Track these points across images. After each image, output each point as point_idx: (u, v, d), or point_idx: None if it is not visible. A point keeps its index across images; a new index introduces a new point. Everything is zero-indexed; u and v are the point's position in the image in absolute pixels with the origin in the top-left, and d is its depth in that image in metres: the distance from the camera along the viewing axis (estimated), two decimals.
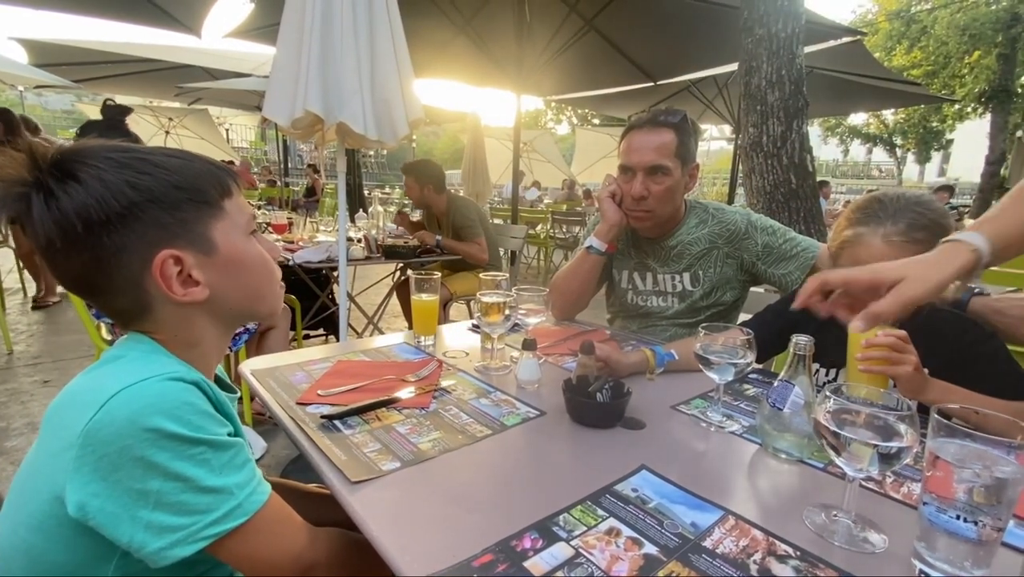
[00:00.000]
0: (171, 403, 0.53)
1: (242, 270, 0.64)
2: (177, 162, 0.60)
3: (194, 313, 0.62)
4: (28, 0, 4.42)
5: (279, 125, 1.83)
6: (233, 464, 0.56)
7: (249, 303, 0.67)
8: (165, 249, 0.58)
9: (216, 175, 0.63)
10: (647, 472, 0.70)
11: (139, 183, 0.56)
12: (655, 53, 5.07)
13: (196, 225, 0.60)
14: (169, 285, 0.58)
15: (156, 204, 0.57)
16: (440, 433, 0.79)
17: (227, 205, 0.63)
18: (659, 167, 1.26)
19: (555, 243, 6.71)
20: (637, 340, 1.31)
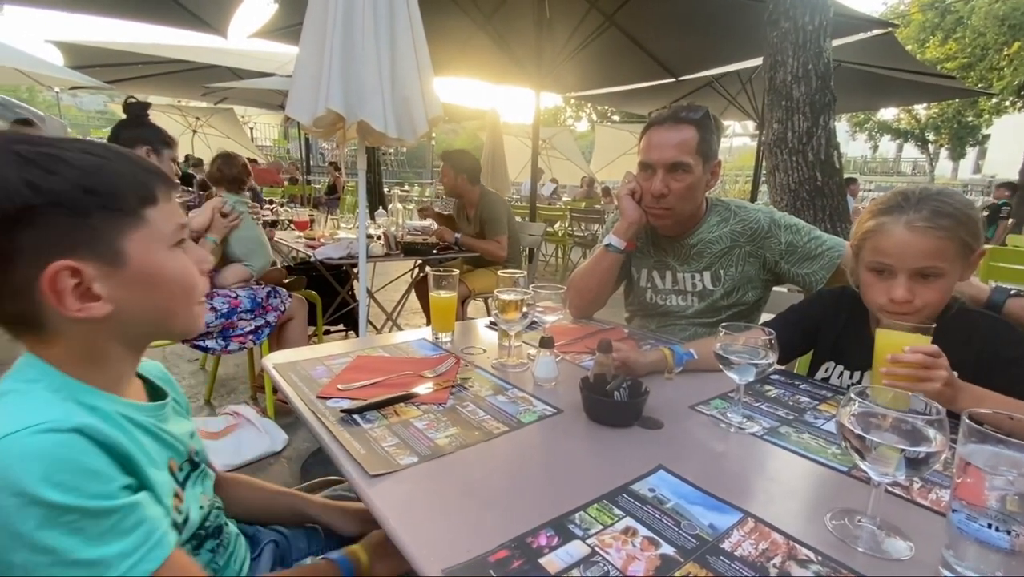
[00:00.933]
0: (40, 463, 0.45)
1: (155, 286, 0.57)
2: (94, 161, 0.53)
3: (95, 329, 0.55)
4: (63, 3, 4.56)
5: (302, 124, 1.86)
6: (117, 530, 0.47)
7: (159, 322, 0.60)
8: (62, 259, 0.50)
9: (140, 179, 0.56)
10: (664, 472, 0.70)
11: (41, 184, 0.49)
12: (676, 48, 4.99)
13: (105, 234, 0.53)
14: (60, 299, 0.51)
15: (59, 208, 0.50)
16: (457, 429, 0.80)
17: (149, 213, 0.56)
18: (680, 164, 1.24)
19: (573, 241, 6.68)
20: (655, 339, 1.29)
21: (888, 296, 0.92)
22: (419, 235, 3.11)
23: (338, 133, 2.07)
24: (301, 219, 3.38)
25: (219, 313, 2.09)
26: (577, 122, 23.02)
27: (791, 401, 0.95)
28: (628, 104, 7.87)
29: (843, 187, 2.43)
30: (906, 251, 0.90)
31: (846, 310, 1.07)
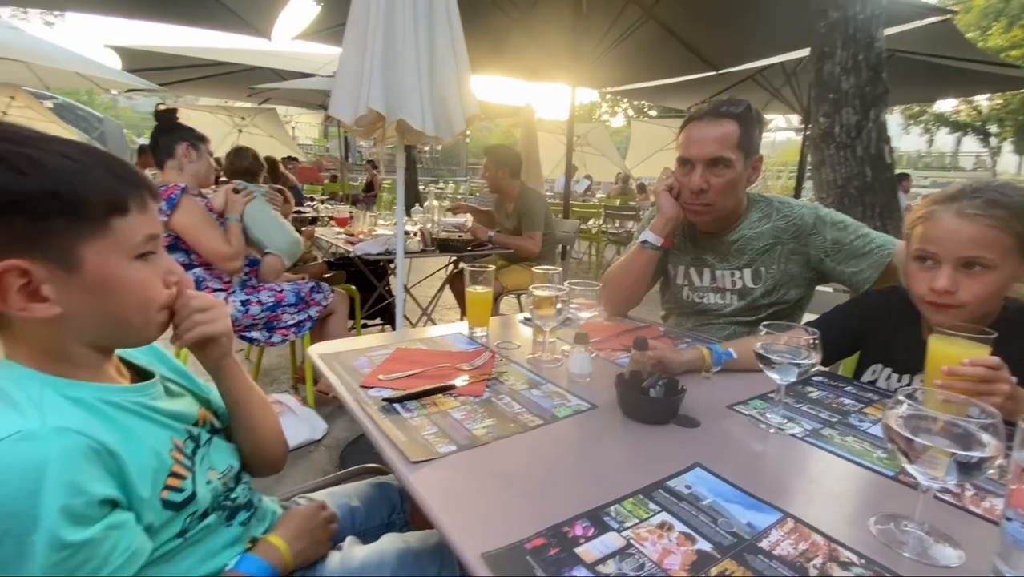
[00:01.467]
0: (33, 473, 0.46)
1: (109, 295, 0.57)
2: (70, 165, 0.53)
3: (49, 328, 0.55)
4: (121, 10, 4.83)
5: (343, 123, 1.92)
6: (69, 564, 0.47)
7: (112, 329, 0.59)
8: (12, 259, 0.50)
9: (112, 190, 0.55)
10: (701, 470, 0.70)
11: (8, 184, 0.50)
12: (718, 40, 4.86)
13: (63, 240, 0.53)
14: (4, 297, 0.51)
15: (19, 210, 0.50)
16: (493, 420, 0.81)
17: (115, 223, 0.56)
18: (720, 159, 1.22)
19: (607, 238, 6.61)
20: (692, 338, 1.28)
21: (929, 285, 0.88)
22: (454, 232, 3.15)
23: (378, 132, 2.13)
24: (341, 216, 3.48)
25: (264, 306, 2.18)
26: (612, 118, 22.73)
27: (834, 404, 0.92)
28: (666, 99, 7.70)
29: (894, 183, 2.32)
30: (952, 238, 0.86)
31: (897, 311, 1.03)
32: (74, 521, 0.48)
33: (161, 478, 0.59)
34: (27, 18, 13.44)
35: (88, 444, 0.51)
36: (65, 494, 0.47)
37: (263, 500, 0.79)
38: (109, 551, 0.51)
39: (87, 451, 0.50)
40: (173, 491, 0.60)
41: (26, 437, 0.47)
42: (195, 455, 0.67)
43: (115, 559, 0.51)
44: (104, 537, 0.50)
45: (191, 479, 0.63)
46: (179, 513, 0.60)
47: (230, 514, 0.69)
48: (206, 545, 0.65)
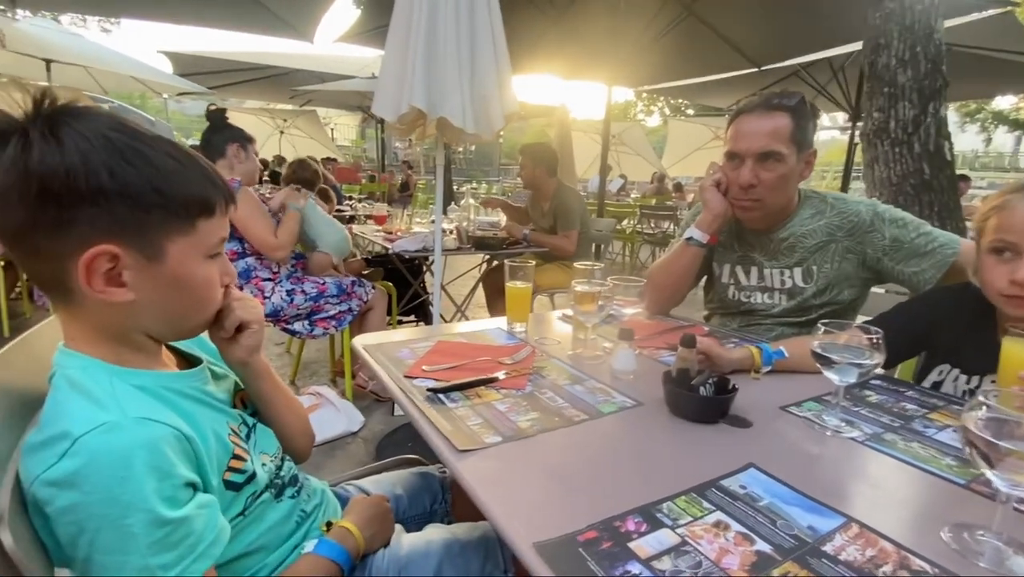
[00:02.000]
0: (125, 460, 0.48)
1: (179, 290, 0.59)
2: (172, 164, 0.56)
3: (113, 311, 0.57)
4: (172, 17, 5.06)
5: (386, 121, 1.95)
6: (166, 543, 0.50)
7: (169, 322, 0.62)
8: (107, 243, 0.53)
9: (204, 193, 0.59)
10: (756, 470, 0.67)
11: (120, 173, 0.52)
12: (760, 36, 4.73)
13: (155, 232, 0.56)
14: (89, 278, 0.53)
15: (125, 199, 0.53)
16: (537, 414, 0.81)
17: (200, 224, 0.59)
18: (771, 153, 1.18)
19: (642, 239, 6.51)
20: (739, 338, 1.24)
21: (1009, 277, 0.83)
22: (489, 230, 3.16)
23: (418, 130, 2.16)
24: (380, 214, 3.55)
25: (308, 296, 2.25)
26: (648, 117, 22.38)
27: (895, 408, 0.88)
28: (704, 96, 7.54)
29: (955, 181, 2.19)
30: None
31: (969, 309, 0.98)
32: (168, 502, 0.50)
33: (224, 461, 0.61)
34: (86, 25, 14.23)
35: (168, 431, 0.53)
36: (155, 478, 0.49)
37: (309, 478, 0.81)
38: (203, 528, 0.53)
39: (168, 438, 0.52)
40: (235, 472, 0.62)
41: (111, 429, 0.49)
42: (249, 440, 0.69)
43: (208, 535, 0.53)
44: (196, 515, 0.52)
45: (250, 461, 0.65)
46: (240, 493, 0.63)
47: (278, 491, 0.71)
48: (263, 522, 0.67)
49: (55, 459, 0.47)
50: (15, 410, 0.58)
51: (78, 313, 0.57)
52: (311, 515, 0.75)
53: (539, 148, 3.20)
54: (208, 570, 0.53)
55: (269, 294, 2.22)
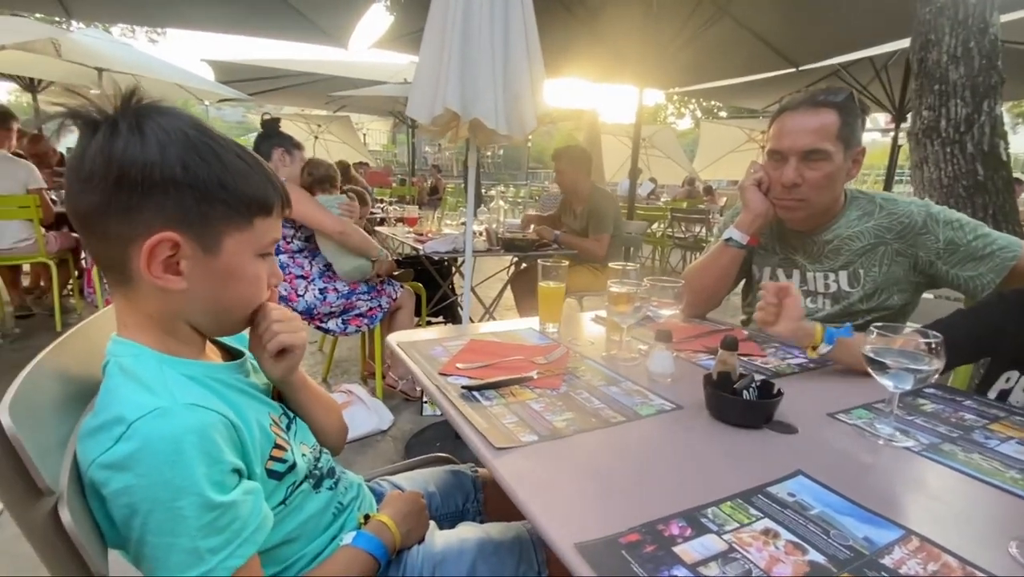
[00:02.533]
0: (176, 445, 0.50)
1: (228, 284, 0.62)
2: (240, 165, 0.59)
3: (165, 298, 0.59)
4: (215, 26, 5.25)
5: (420, 123, 1.97)
6: (215, 526, 0.51)
7: (214, 316, 0.64)
8: (172, 231, 0.55)
9: (265, 193, 0.62)
10: (805, 478, 0.64)
11: (192, 167, 0.56)
12: (799, 35, 4.60)
13: (216, 225, 0.59)
14: (149, 263, 0.56)
15: (193, 191, 0.56)
16: (572, 414, 0.80)
17: (257, 222, 0.62)
18: (816, 151, 1.13)
19: (673, 243, 6.40)
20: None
21: None
22: (518, 232, 3.16)
23: (451, 132, 2.17)
24: (411, 216, 3.60)
25: (340, 294, 2.30)
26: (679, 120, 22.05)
27: (953, 417, 0.83)
28: (739, 98, 7.37)
29: (1011, 183, 2.07)
30: None
31: None
32: (216, 486, 0.51)
33: (266, 450, 0.62)
34: (135, 36, 14.97)
35: (216, 418, 0.54)
36: (204, 463, 0.51)
37: (346, 472, 0.82)
38: (248, 513, 0.54)
39: (216, 424, 0.54)
40: (277, 461, 0.63)
41: (163, 414, 0.51)
42: (289, 430, 0.70)
43: (253, 521, 0.55)
44: (243, 501, 0.54)
45: (290, 451, 0.66)
46: (281, 482, 0.64)
47: (317, 482, 0.72)
48: (302, 512, 0.68)
49: (110, 443, 0.49)
50: (73, 396, 0.60)
51: (133, 298, 0.59)
52: (347, 507, 0.76)
53: (574, 151, 3.18)
54: (252, 555, 0.54)
55: (303, 292, 2.27)
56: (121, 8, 5.18)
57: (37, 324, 3.63)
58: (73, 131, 0.56)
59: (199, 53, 25.72)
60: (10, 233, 3.27)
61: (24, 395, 0.50)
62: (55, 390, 0.58)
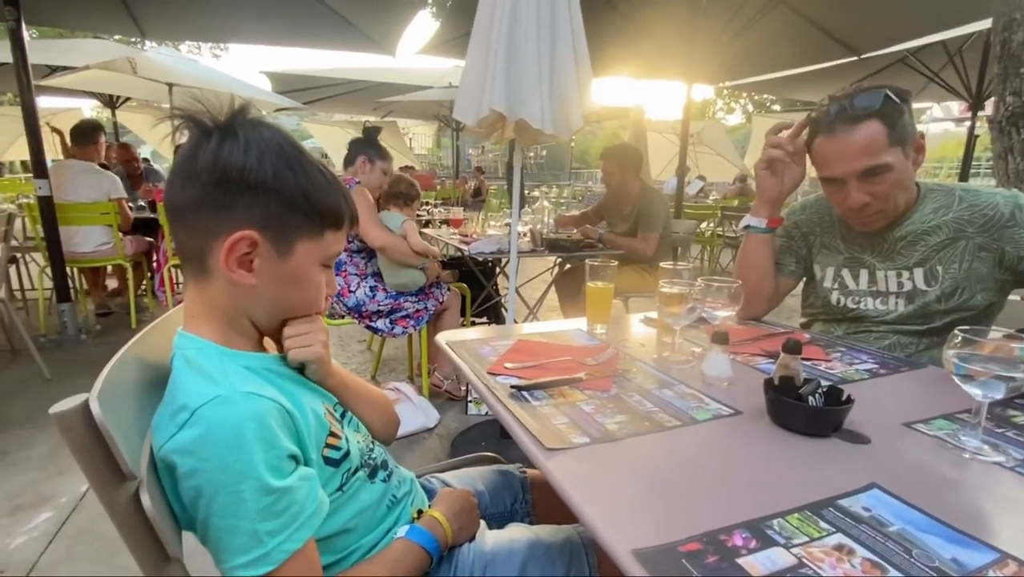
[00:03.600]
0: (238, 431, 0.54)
1: (292, 286, 0.66)
2: (321, 180, 0.65)
3: (233, 292, 0.63)
4: (272, 40, 5.52)
5: (466, 125, 1.99)
6: (272, 510, 0.53)
7: (276, 314, 0.68)
8: (254, 230, 0.60)
9: (339, 208, 0.67)
10: (880, 491, 0.60)
11: (281, 175, 0.61)
12: (861, 21, 4.34)
13: (292, 231, 0.63)
14: (228, 256, 0.60)
15: (278, 197, 0.61)
16: (625, 417, 0.78)
17: (327, 234, 0.67)
18: (874, 168, 1.04)
19: (723, 242, 6.17)
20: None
21: None
22: (563, 232, 3.14)
23: (496, 133, 2.18)
24: (456, 217, 3.65)
25: (388, 294, 2.37)
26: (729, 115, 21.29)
27: None
28: (795, 90, 7.05)
29: None
30: None
31: None
32: (274, 472, 0.53)
33: (322, 438, 0.64)
34: (200, 52, 16.05)
35: (272, 405, 0.57)
36: (262, 448, 0.53)
37: (399, 467, 0.84)
38: (305, 498, 0.56)
39: (272, 411, 0.56)
40: (332, 449, 0.66)
41: (222, 401, 0.54)
42: (343, 418, 0.73)
43: (309, 506, 0.57)
44: (299, 486, 0.56)
45: (345, 438, 0.68)
46: (337, 469, 0.66)
47: (372, 472, 0.74)
48: (358, 500, 0.70)
49: (176, 429, 0.52)
50: (149, 387, 0.64)
51: (204, 289, 0.64)
52: (401, 501, 0.77)
53: (623, 150, 3.11)
54: (308, 540, 0.56)
55: (354, 288, 2.35)
56: (188, 27, 5.54)
57: (114, 322, 3.92)
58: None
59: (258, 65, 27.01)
60: (93, 238, 3.55)
61: (109, 386, 0.54)
62: (135, 381, 0.63)
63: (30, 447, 2.15)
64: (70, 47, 5.63)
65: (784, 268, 1.34)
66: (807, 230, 1.32)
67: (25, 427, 2.31)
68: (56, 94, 7.03)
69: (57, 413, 0.45)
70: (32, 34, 6.61)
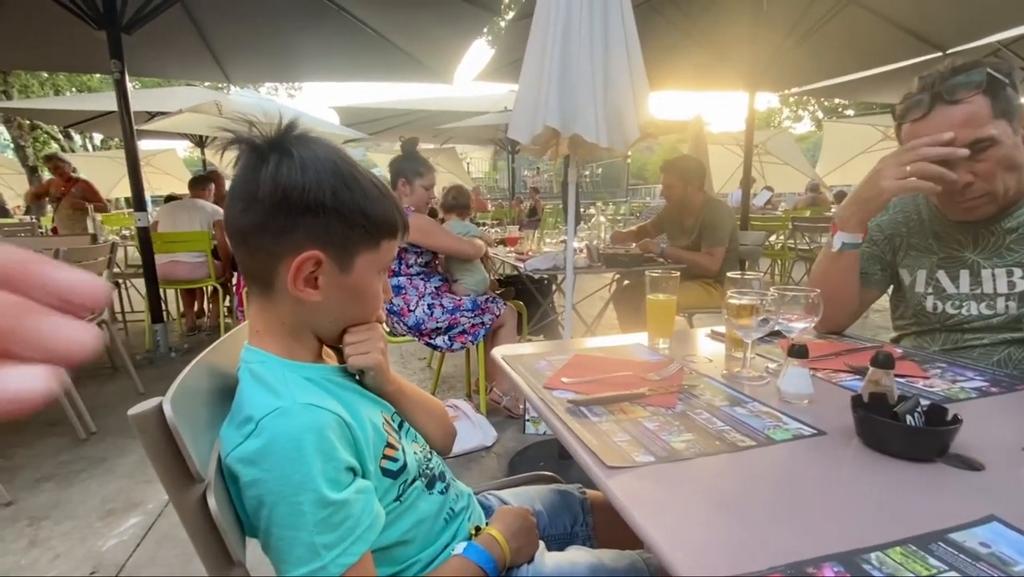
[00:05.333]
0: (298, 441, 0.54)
1: (355, 298, 0.68)
2: (375, 193, 0.66)
3: (299, 309, 0.65)
4: (340, 77, 5.91)
5: (520, 143, 2.01)
6: (329, 523, 0.53)
7: (340, 325, 0.69)
8: (317, 250, 0.61)
9: (393, 219, 0.68)
10: (1000, 525, 0.51)
11: (339, 193, 0.62)
12: (944, 15, 4.02)
13: (352, 246, 0.64)
14: (296, 276, 0.61)
15: (338, 215, 0.62)
16: (693, 435, 0.72)
17: (383, 244, 0.68)
18: (978, 141, 0.94)
19: (796, 255, 5.80)
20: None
21: None
22: (620, 248, 3.07)
23: (551, 149, 2.19)
24: (512, 236, 3.68)
25: (445, 310, 2.40)
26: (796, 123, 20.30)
27: None
28: (868, 93, 6.59)
29: None
30: None
31: None
32: (331, 484, 0.54)
33: (379, 449, 0.64)
34: (277, 93, 17.61)
35: (332, 417, 0.57)
36: (321, 460, 0.54)
37: (457, 481, 0.82)
38: (360, 512, 0.56)
39: (331, 423, 0.57)
40: (390, 460, 0.65)
41: (283, 413, 0.55)
42: (401, 429, 0.73)
43: (365, 519, 0.57)
44: (355, 499, 0.56)
45: (402, 450, 0.68)
46: (395, 481, 0.66)
47: (429, 482, 0.73)
48: (416, 511, 0.70)
49: (242, 439, 0.54)
50: (221, 395, 0.67)
51: (269, 307, 0.66)
52: (459, 515, 0.76)
53: (685, 162, 3.00)
54: (365, 554, 0.55)
55: (413, 308, 2.41)
56: (266, 69, 6.04)
57: (203, 340, 4.25)
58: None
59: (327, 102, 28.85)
60: (192, 261, 3.92)
61: (182, 392, 0.57)
62: (206, 389, 0.66)
63: (124, 455, 2.35)
64: (167, 95, 6.31)
65: (870, 277, 1.22)
66: (892, 232, 1.21)
67: (122, 436, 2.52)
68: (154, 137, 7.88)
69: (134, 415, 0.48)
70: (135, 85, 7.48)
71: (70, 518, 1.90)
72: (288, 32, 4.78)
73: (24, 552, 1.72)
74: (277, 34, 4.82)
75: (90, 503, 1.99)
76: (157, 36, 3.94)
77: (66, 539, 1.79)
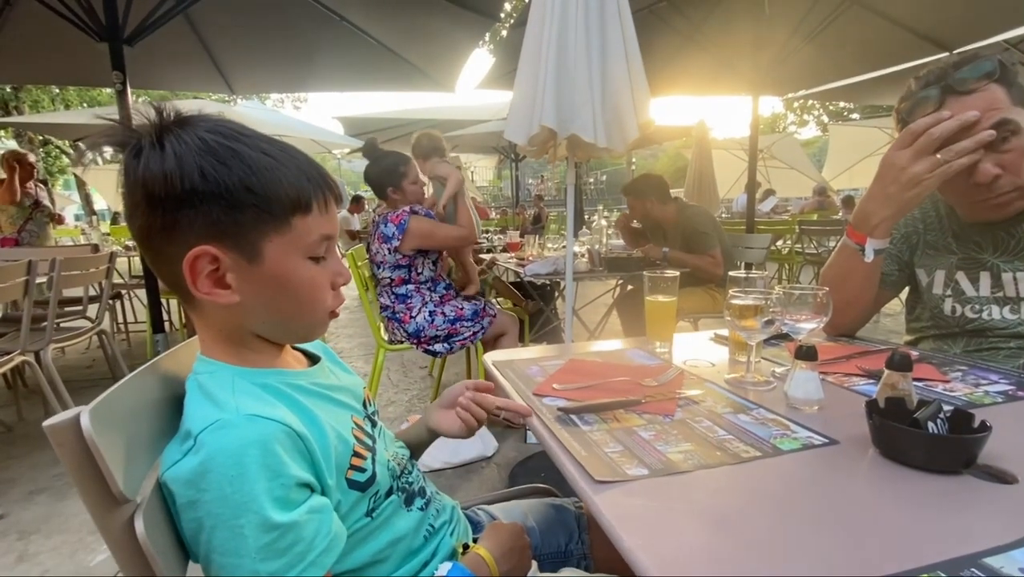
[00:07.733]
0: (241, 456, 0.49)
1: (282, 291, 0.58)
2: (266, 161, 0.55)
3: (228, 314, 0.57)
4: (344, 87, 5.93)
5: (517, 144, 1.96)
6: (274, 549, 0.48)
7: (280, 323, 0.60)
8: (207, 245, 0.53)
9: (299, 189, 0.56)
10: None
11: (212, 174, 0.52)
12: (950, 14, 3.96)
13: (250, 232, 0.55)
14: (194, 280, 0.54)
15: (218, 200, 0.52)
16: (691, 445, 0.66)
17: (296, 222, 0.56)
18: (1005, 122, 0.88)
19: (803, 259, 5.71)
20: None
21: None
22: (623, 253, 3.02)
23: (549, 152, 2.14)
24: (514, 242, 3.63)
25: (446, 318, 2.35)
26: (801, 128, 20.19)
27: None
28: (874, 95, 6.50)
29: None
30: None
31: None
32: (278, 504, 0.48)
33: (345, 459, 0.59)
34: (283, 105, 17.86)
35: (279, 428, 0.51)
36: (266, 477, 0.48)
37: (440, 494, 0.77)
38: (313, 535, 0.50)
39: (279, 435, 0.51)
40: (357, 471, 0.60)
41: (223, 426, 0.49)
42: (374, 431, 0.68)
43: (319, 543, 0.51)
44: (307, 521, 0.50)
45: (371, 458, 0.62)
46: (364, 493, 0.60)
47: (408, 498, 0.68)
48: (392, 528, 0.64)
49: (179, 456, 0.49)
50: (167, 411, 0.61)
51: (198, 315, 0.59)
52: (439, 531, 0.71)
53: (640, 182, 3.03)
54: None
55: (415, 314, 2.36)
56: (270, 80, 6.07)
57: None
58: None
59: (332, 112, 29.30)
60: None
61: (114, 402, 0.51)
62: (149, 402, 0.59)
63: None
64: None
65: (886, 277, 1.16)
66: (908, 230, 1.14)
67: None
68: None
69: (49, 426, 0.42)
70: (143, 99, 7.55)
71: (61, 532, 1.86)
72: (290, 43, 4.80)
73: (11, 567, 1.68)
74: (279, 46, 4.85)
75: (82, 517, 1.94)
76: (160, 48, 3.95)
77: (55, 553, 1.74)
